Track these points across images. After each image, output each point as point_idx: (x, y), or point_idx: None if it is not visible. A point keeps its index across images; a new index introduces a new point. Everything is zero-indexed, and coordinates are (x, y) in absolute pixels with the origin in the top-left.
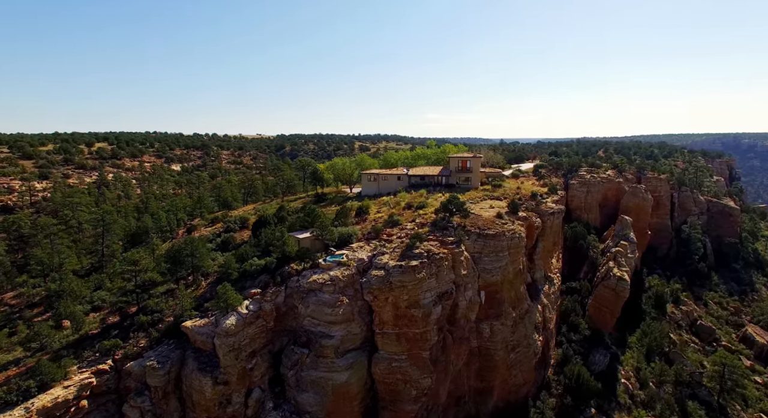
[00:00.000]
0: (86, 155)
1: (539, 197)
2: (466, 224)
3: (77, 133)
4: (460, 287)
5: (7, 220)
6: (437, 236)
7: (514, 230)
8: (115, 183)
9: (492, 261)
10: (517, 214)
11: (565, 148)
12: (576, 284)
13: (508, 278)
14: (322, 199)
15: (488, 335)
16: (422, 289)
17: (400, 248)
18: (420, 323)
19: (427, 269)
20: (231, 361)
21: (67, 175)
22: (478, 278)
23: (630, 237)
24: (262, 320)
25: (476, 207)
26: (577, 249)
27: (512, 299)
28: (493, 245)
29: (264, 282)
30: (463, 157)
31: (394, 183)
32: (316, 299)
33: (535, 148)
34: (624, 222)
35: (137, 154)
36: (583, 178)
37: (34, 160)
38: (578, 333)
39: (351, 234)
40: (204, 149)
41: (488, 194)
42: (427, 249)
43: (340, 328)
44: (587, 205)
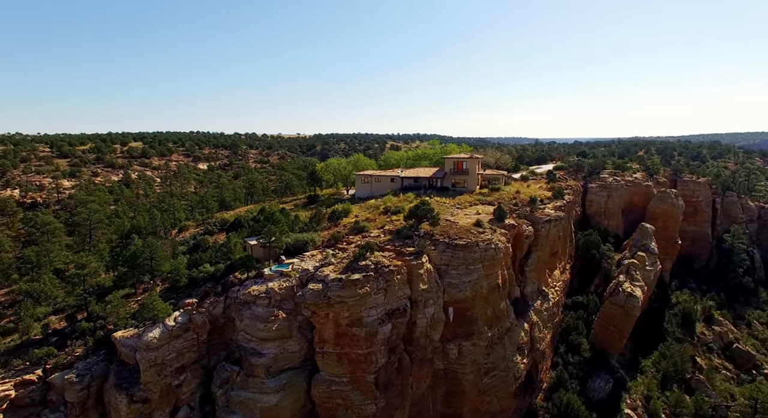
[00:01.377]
0: (117, 154)
1: (538, 203)
2: (434, 233)
3: (116, 133)
4: (419, 304)
5: (26, 216)
6: (396, 246)
7: (490, 240)
8: (138, 182)
9: (460, 275)
10: (502, 221)
11: (603, 149)
12: (583, 298)
13: (480, 293)
14: (315, 200)
15: (455, 357)
16: (366, 305)
17: (348, 259)
18: (363, 343)
19: (373, 284)
20: (152, 377)
21: (95, 173)
22: (443, 293)
23: (650, 248)
24: (192, 333)
25: (461, 213)
26: (589, 259)
27: (488, 317)
28: (462, 256)
29: (205, 291)
30: (459, 158)
31: (387, 185)
32: (250, 313)
33: (569, 148)
34: (644, 231)
35: (166, 153)
36: (604, 181)
37: (69, 159)
38: (578, 354)
39: (307, 241)
40: (232, 148)
41: (481, 199)
42: (377, 261)
43: (274, 345)
44: (608, 211)
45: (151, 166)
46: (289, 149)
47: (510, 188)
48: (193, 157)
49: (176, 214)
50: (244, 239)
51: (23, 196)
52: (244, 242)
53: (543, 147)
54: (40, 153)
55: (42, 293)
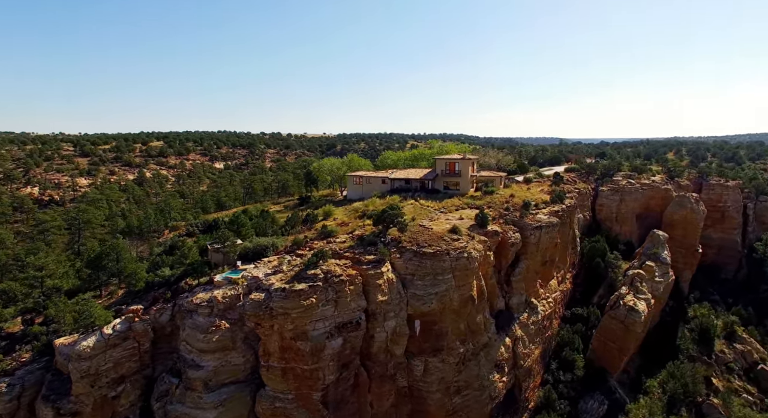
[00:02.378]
0: (136, 153)
1: (532, 207)
2: (402, 239)
3: (138, 133)
4: (377, 316)
5: (34, 213)
6: (355, 253)
7: (463, 248)
8: (150, 181)
9: (426, 285)
10: (484, 228)
11: (629, 150)
12: (583, 310)
13: (450, 306)
14: (306, 201)
15: (420, 374)
16: (312, 318)
17: (301, 267)
18: (308, 358)
19: (321, 294)
20: (85, 388)
21: (113, 172)
22: (407, 305)
23: (662, 257)
24: (132, 342)
25: (442, 218)
26: (593, 268)
27: (460, 332)
28: (430, 265)
29: (154, 297)
30: (451, 159)
31: (378, 186)
32: (192, 322)
33: (592, 149)
34: (656, 238)
35: (183, 152)
36: (617, 184)
37: (90, 158)
38: (571, 372)
39: (268, 246)
40: (249, 148)
41: (471, 202)
42: (327, 270)
43: (213, 357)
44: (620, 216)
45: (168, 165)
46: (308, 149)
47: (505, 192)
48: (210, 156)
49: (171, 213)
50: (209, 243)
51: (41, 194)
52: (209, 245)
53: (562, 147)
54: (64, 152)
55: (12, 292)
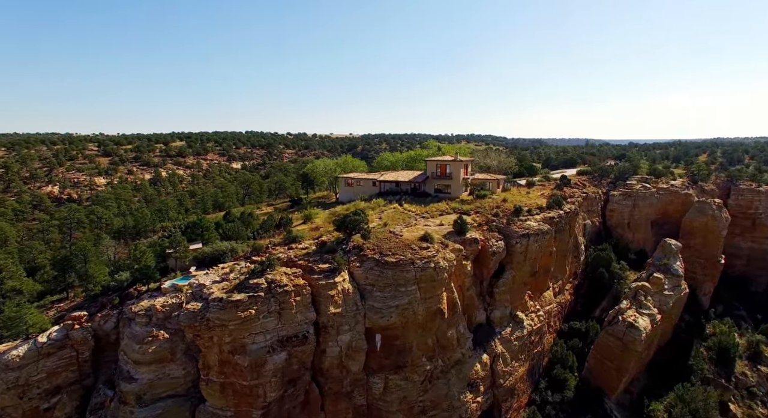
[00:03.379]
0: (155, 153)
1: (524, 213)
2: (365, 247)
3: (162, 134)
4: (329, 329)
5: (46, 212)
6: (309, 261)
7: (430, 258)
8: (165, 180)
9: (386, 298)
10: (463, 235)
11: (659, 151)
12: (581, 324)
13: (414, 320)
14: (298, 203)
15: (380, 392)
16: (251, 331)
17: (246, 275)
18: (247, 373)
19: (262, 305)
20: (12, 400)
21: (131, 171)
22: (364, 317)
23: (673, 268)
24: (70, 351)
25: (421, 223)
26: (597, 279)
27: (427, 347)
28: (391, 276)
29: (102, 303)
30: (441, 160)
31: (369, 189)
32: (129, 331)
33: (618, 151)
34: (667, 247)
35: (201, 152)
36: (630, 188)
37: (111, 157)
38: (560, 393)
39: (226, 251)
40: (268, 148)
41: (458, 207)
42: (272, 279)
43: (149, 369)
44: (633, 222)
45: (185, 165)
46: (329, 149)
47: (499, 196)
48: (228, 156)
49: (170, 214)
50: (167, 248)
51: (61, 192)
52: (147, 249)
53: (585, 149)
54: (87, 152)
55: None
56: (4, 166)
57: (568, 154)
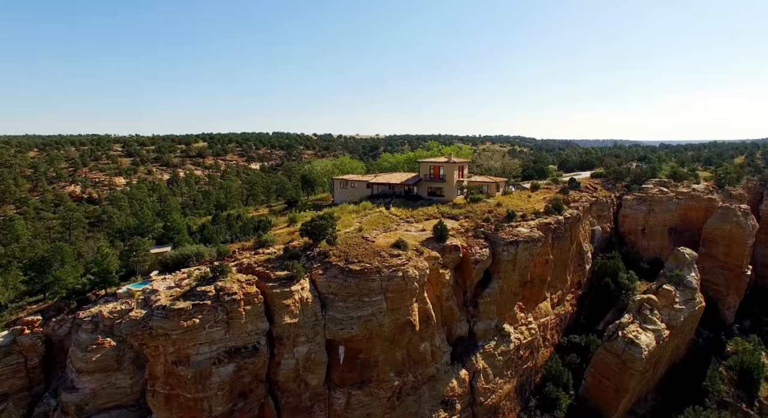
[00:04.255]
0: (176, 154)
1: (517, 218)
2: (331, 253)
3: (182, 135)
4: (285, 340)
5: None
6: (267, 268)
7: (398, 266)
8: (181, 181)
9: (348, 308)
10: (443, 241)
11: (690, 153)
12: (580, 338)
13: (380, 332)
14: (294, 204)
15: (341, 409)
16: (195, 341)
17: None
18: (191, 386)
19: (208, 315)
20: None
21: (150, 171)
22: (324, 328)
23: (686, 280)
24: (18, 357)
25: (401, 229)
26: (602, 289)
27: (397, 362)
28: (355, 285)
29: (59, 307)
30: (435, 162)
31: (363, 191)
32: (75, 338)
33: (646, 152)
34: (680, 257)
35: (221, 153)
36: (646, 192)
37: (133, 158)
38: (550, 413)
39: (191, 256)
40: (287, 149)
41: (447, 211)
42: (221, 287)
43: (92, 379)
44: (648, 229)
45: (203, 165)
46: (350, 150)
47: (495, 200)
48: (247, 157)
49: (172, 214)
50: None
51: (82, 192)
52: (110, 252)
53: (610, 150)
54: (111, 152)
55: None
56: (33, 166)
57: (587, 156)
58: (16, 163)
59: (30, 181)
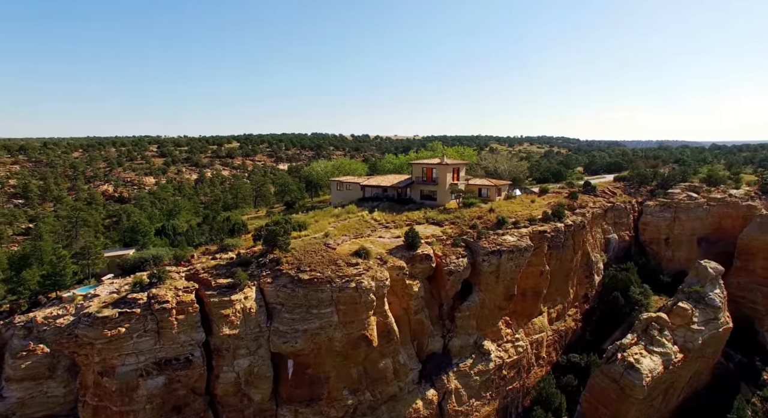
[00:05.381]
0: (207, 154)
1: (509, 225)
2: (283, 261)
3: (220, 136)
4: (224, 352)
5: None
6: (213, 275)
7: (351, 276)
8: (207, 181)
9: (294, 320)
10: (413, 250)
11: (744, 154)
12: (580, 357)
13: (330, 347)
14: (291, 206)
15: None
16: (122, 351)
17: None
18: (117, 398)
19: (136, 323)
20: None
21: (180, 171)
22: (268, 341)
23: (709, 297)
24: None
25: (375, 235)
26: (611, 304)
27: (351, 379)
28: (303, 295)
29: (11, 308)
30: (427, 164)
31: (357, 193)
32: (9, 344)
33: (694, 153)
34: (701, 271)
35: (251, 153)
36: (671, 198)
37: (165, 158)
38: None
39: (148, 259)
40: (316, 150)
41: (433, 217)
42: (154, 294)
43: (21, 387)
44: (674, 238)
45: (232, 166)
46: (382, 150)
47: (492, 204)
48: (276, 157)
49: (181, 213)
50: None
51: (115, 191)
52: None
53: (649, 151)
54: (146, 153)
55: None
56: (72, 166)
57: (618, 158)
58: (59, 164)
59: (69, 181)
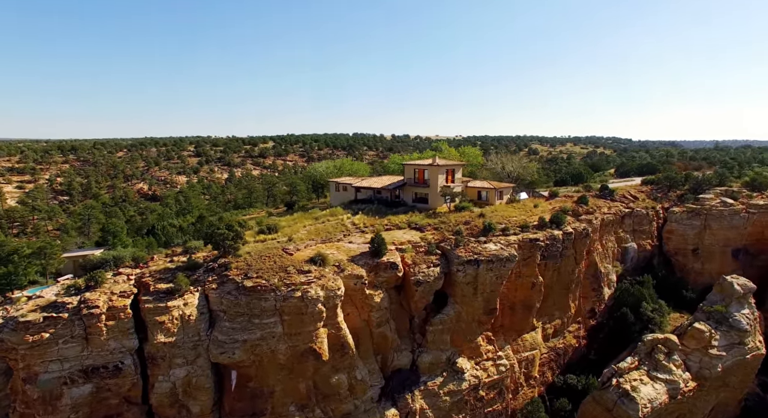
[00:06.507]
0: (241, 154)
1: (496, 232)
2: (232, 266)
3: (255, 136)
4: (159, 361)
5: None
6: (156, 278)
7: (297, 284)
8: (235, 180)
9: (234, 330)
10: (378, 257)
11: None
12: (576, 380)
13: (273, 359)
14: (291, 207)
15: None
16: (46, 357)
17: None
18: (40, 407)
19: (63, 329)
20: None
21: (212, 170)
22: (207, 350)
23: (734, 319)
24: None
25: (346, 240)
26: (620, 321)
27: (299, 395)
28: (245, 303)
29: None
30: (419, 165)
31: (352, 194)
32: None
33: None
34: (726, 288)
35: (283, 153)
36: (701, 204)
37: (200, 158)
38: None
39: (108, 260)
40: (348, 149)
41: (416, 221)
42: (86, 298)
43: None
44: (704, 249)
45: (263, 165)
46: (420, 150)
47: (487, 209)
48: (307, 157)
49: (192, 211)
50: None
51: (149, 190)
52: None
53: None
54: (183, 153)
55: None
56: (113, 165)
57: (657, 159)
58: (102, 163)
59: (110, 179)
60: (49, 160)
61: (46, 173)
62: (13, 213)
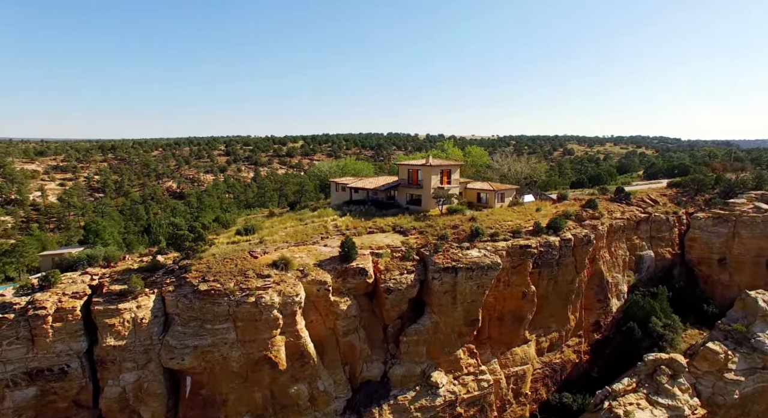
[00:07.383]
0: (268, 153)
1: (484, 237)
2: (192, 268)
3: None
4: (108, 365)
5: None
6: (113, 279)
7: (253, 290)
8: (258, 180)
9: (185, 335)
10: (348, 262)
11: None
12: (572, 399)
13: (226, 367)
14: (292, 207)
15: None
16: None
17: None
18: None
19: (8, 330)
20: None
21: (240, 169)
22: (158, 355)
23: (756, 339)
24: None
25: (322, 243)
26: (627, 336)
27: (255, 404)
28: (199, 308)
29: None
30: (412, 165)
31: (349, 195)
32: None
33: None
34: (750, 304)
35: (310, 152)
36: (731, 209)
37: (228, 157)
38: None
39: (82, 259)
40: (376, 149)
41: (401, 224)
42: (34, 299)
43: None
44: (732, 259)
45: (289, 165)
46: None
47: (473, 213)
48: (334, 156)
49: (205, 211)
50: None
51: (178, 188)
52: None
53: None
54: (214, 152)
55: None
56: (145, 164)
57: (699, 159)
58: (137, 162)
59: (142, 177)
60: (90, 159)
61: (86, 171)
62: (51, 209)
